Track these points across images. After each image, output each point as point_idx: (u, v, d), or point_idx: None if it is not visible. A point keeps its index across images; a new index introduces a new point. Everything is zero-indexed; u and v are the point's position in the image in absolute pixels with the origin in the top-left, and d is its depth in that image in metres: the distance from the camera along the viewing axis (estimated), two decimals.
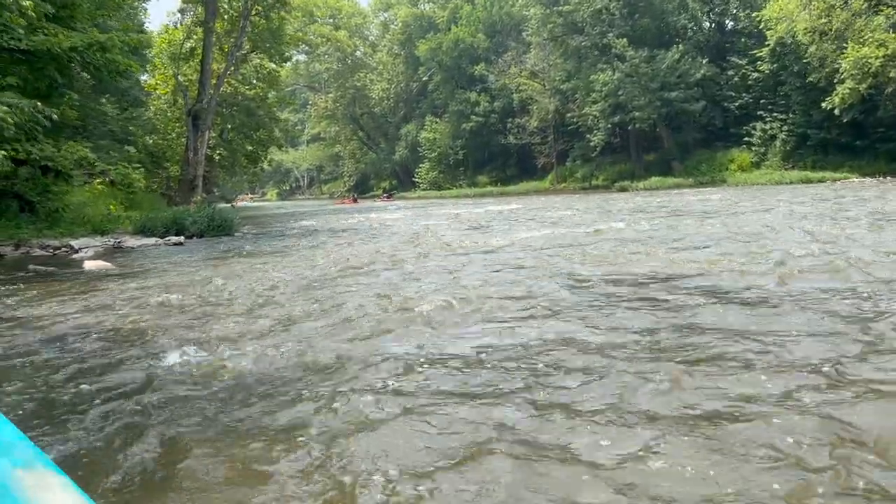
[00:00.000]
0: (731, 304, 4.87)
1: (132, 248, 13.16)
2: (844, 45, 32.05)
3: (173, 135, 32.94)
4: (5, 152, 10.73)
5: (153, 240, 14.40)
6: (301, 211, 39.38)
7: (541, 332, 4.35)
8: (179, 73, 31.97)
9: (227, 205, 37.43)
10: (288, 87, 58.48)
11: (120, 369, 3.98)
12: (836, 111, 32.41)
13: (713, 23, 46.41)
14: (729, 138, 41.41)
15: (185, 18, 32.97)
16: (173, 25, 34.74)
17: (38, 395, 3.52)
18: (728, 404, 2.88)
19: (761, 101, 39.55)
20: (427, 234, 13.62)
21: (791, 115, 37.59)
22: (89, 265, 9.05)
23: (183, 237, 15.10)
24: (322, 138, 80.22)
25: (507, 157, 57.01)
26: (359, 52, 69.07)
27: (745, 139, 39.99)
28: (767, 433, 2.57)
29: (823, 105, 33.10)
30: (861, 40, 31.41)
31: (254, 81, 36.17)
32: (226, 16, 31.22)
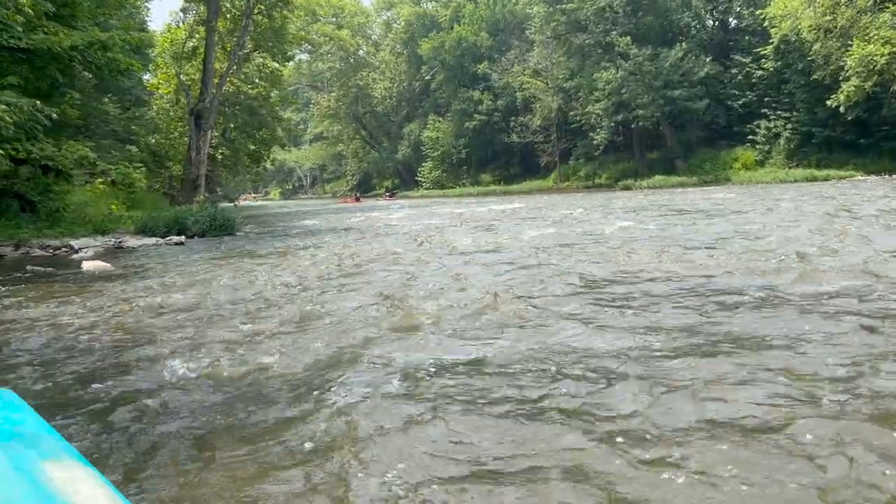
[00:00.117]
0: (747, 306, 4.71)
1: (133, 248, 13.06)
2: (849, 42, 31.84)
3: (176, 134, 32.95)
4: (4, 151, 10.65)
5: (154, 240, 14.31)
6: (304, 210, 39.30)
7: (553, 336, 4.20)
8: (182, 73, 31.93)
9: (230, 204, 37.44)
10: (290, 87, 58.45)
11: (110, 375, 3.86)
12: (841, 109, 32.23)
13: (717, 21, 46.30)
14: (733, 137, 41.23)
15: (188, 17, 33.00)
16: (175, 24, 34.73)
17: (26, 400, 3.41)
18: (753, 412, 2.76)
19: (765, 100, 39.36)
20: (431, 233, 13.47)
21: (795, 114, 37.39)
22: (88, 266, 8.95)
23: (184, 237, 15.00)
24: (325, 137, 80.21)
25: (510, 155, 56.88)
26: (361, 51, 69.10)
27: (749, 137, 39.80)
28: (795, 442, 2.45)
29: (828, 103, 32.92)
30: (866, 37, 31.20)
31: (256, 80, 36.13)
32: (228, 15, 31.19)
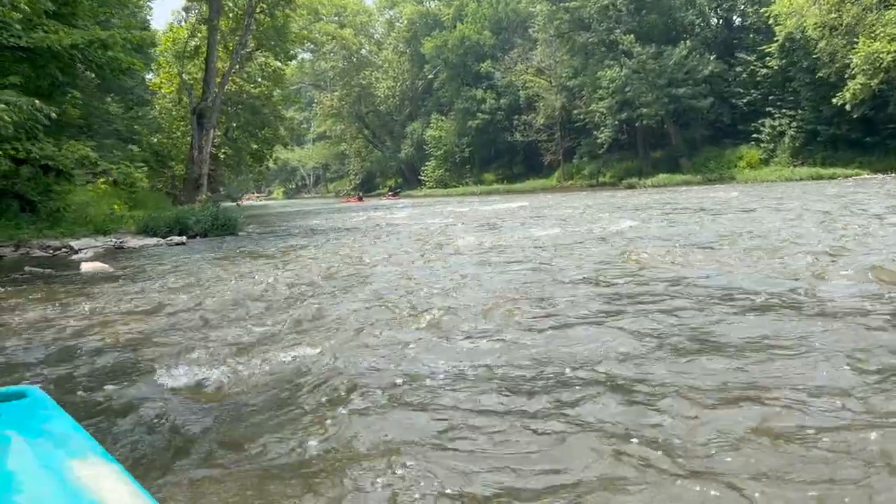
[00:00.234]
0: (764, 310, 4.53)
1: (133, 248, 12.98)
2: (855, 39, 31.62)
3: (178, 133, 32.87)
4: (3, 151, 10.54)
5: (155, 240, 14.22)
6: (306, 210, 39.22)
7: (566, 341, 4.03)
8: (184, 72, 31.86)
9: (233, 204, 37.36)
10: (293, 86, 58.39)
11: (100, 380, 3.74)
12: (847, 107, 31.99)
13: (721, 19, 46.04)
14: (737, 135, 40.98)
15: (190, 16, 32.92)
16: (178, 23, 34.67)
17: None
18: (773, 424, 2.64)
19: (770, 98, 39.09)
20: (435, 233, 13.34)
21: (800, 112, 37.14)
22: (86, 267, 8.85)
23: (185, 237, 14.91)
24: (328, 137, 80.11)
25: (514, 154, 56.69)
26: (364, 50, 68.99)
27: (754, 136, 39.54)
28: (819, 454, 2.34)
29: (834, 101, 32.65)
30: (872, 35, 30.98)
31: (259, 80, 36.03)
32: (230, 14, 31.09)
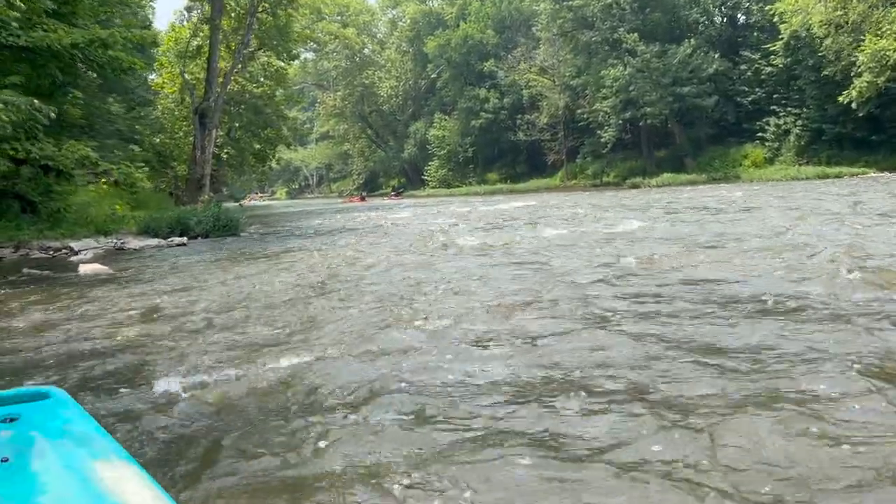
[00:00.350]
0: (779, 314, 4.35)
1: (134, 249, 12.87)
2: (861, 37, 31.38)
3: (180, 134, 32.78)
4: (2, 151, 10.42)
5: (156, 241, 14.11)
6: (309, 210, 39.11)
7: (577, 348, 3.84)
8: (186, 72, 31.76)
9: (235, 204, 37.32)
10: (296, 86, 58.30)
11: (91, 389, 3.61)
12: (853, 105, 31.74)
13: (725, 17, 45.77)
14: (742, 134, 40.75)
15: (192, 16, 32.83)
16: (180, 23, 34.59)
17: None
18: (798, 442, 2.49)
19: (775, 96, 38.85)
20: (439, 233, 13.15)
21: (805, 110, 36.89)
22: (84, 269, 8.73)
23: (186, 238, 14.80)
24: (331, 136, 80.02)
25: (517, 154, 56.52)
26: (367, 50, 68.87)
27: (759, 134, 39.28)
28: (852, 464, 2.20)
29: (840, 99, 32.42)
30: (879, 32, 30.75)
31: (261, 79, 35.94)
32: (232, 13, 30.97)
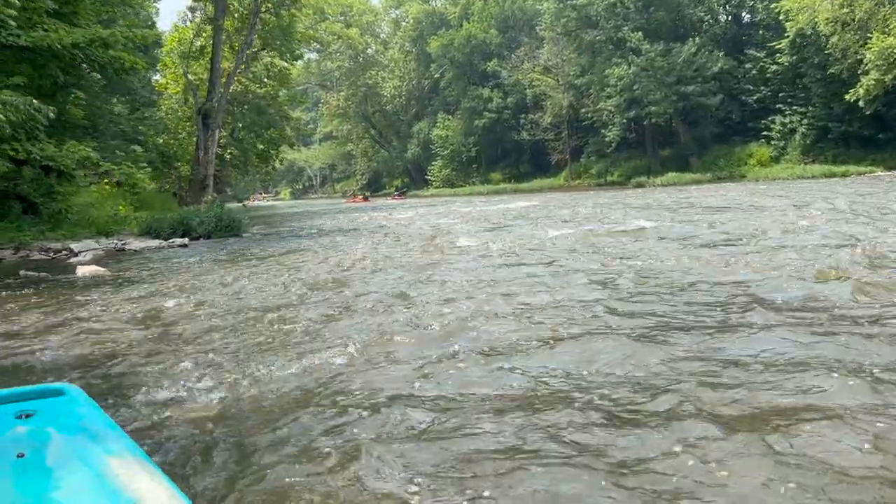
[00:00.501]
0: (795, 320, 4.16)
1: (134, 250, 12.77)
2: (868, 35, 31.16)
3: (184, 134, 32.68)
4: (1, 152, 10.32)
5: (157, 242, 14.00)
6: (313, 210, 39.02)
7: (589, 357, 3.65)
8: (189, 72, 31.69)
9: (239, 204, 37.22)
10: (299, 86, 58.22)
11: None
12: (860, 103, 31.50)
13: (730, 15, 45.59)
14: (747, 132, 40.54)
15: (195, 16, 32.77)
16: (183, 24, 34.54)
17: None
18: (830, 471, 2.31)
19: (780, 95, 38.63)
20: (444, 234, 13.00)
21: (811, 108, 36.67)
22: (82, 271, 8.61)
23: (188, 239, 14.70)
24: (334, 137, 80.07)
25: (521, 153, 56.37)
26: (370, 50, 68.84)
27: (764, 133, 39.10)
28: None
29: (846, 97, 32.19)
30: (886, 30, 30.52)
31: (265, 80, 35.80)
32: (236, 14, 30.90)
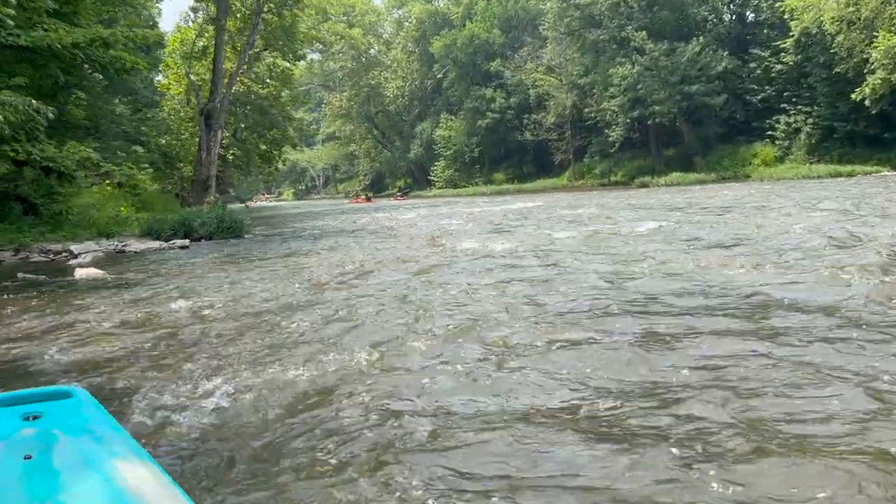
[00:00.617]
0: (822, 328, 3.97)
1: (135, 252, 12.66)
2: (875, 33, 30.93)
3: (186, 135, 32.62)
4: (1, 152, 10.22)
5: (158, 243, 13.89)
6: (315, 211, 38.92)
7: (599, 364, 3.52)
8: (192, 73, 31.63)
9: (241, 205, 37.13)
10: (302, 86, 58.14)
11: None
12: (866, 102, 31.28)
13: (734, 14, 45.36)
14: (751, 132, 40.32)
15: (197, 17, 32.72)
16: (185, 24, 34.49)
17: None
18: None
19: (785, 94, 38.39)
20: (447, 235, 12.83)
21: (816, 108, 36.43)
22: (81, 273, 8.49)
23: (189, 240, 14.59)
24: (337, 137, 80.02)
25: (524, 153, 56.20)
26: (373, 50, 68.76)
27: (769, 133, 38.85)
28: None
29: (852, 96, 31.97)
30: (892, 28, 30.29)
31: (267, 80, 35.74)
32: (238, 14, 30.83)
